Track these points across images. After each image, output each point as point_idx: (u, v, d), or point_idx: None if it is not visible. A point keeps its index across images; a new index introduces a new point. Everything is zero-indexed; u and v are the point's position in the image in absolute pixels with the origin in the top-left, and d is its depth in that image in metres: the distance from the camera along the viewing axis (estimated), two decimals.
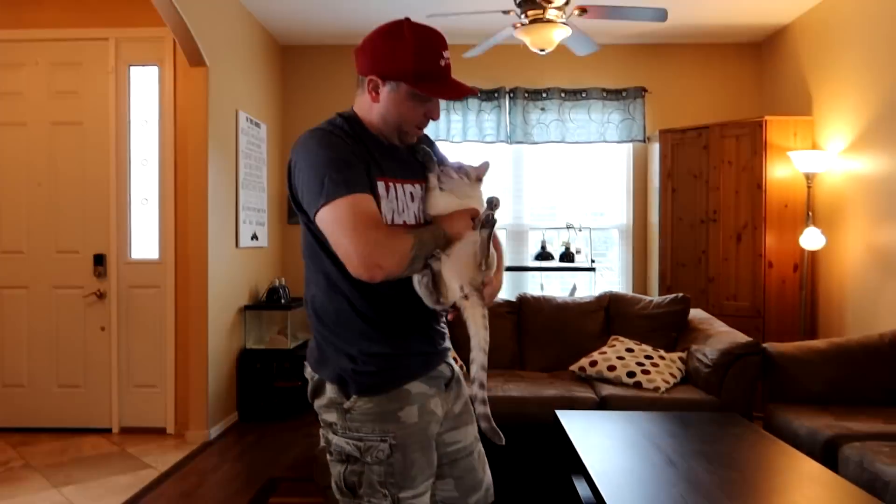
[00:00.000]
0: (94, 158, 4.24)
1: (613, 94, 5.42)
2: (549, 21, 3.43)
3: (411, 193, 1.50)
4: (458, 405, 1.62)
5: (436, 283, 1.40)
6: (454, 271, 1.41)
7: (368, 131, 1.49)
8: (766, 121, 4.55)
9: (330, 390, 1.48)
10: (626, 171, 5.57)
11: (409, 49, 1.41)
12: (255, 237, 4.89)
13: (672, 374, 3.44)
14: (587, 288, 5.29)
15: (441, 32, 1.47)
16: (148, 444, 4.04)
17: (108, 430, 4.25)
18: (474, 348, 1.46)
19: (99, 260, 4.23)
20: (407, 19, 1.46)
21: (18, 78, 4.27)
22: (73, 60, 4.24)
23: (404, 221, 1.46)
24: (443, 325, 1.61)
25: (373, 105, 1.47)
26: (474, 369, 1.46)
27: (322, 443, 1.54)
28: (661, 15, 3.44)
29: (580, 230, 5.40)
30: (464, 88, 1.47)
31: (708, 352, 3.37)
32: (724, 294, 4.75)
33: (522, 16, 3.53)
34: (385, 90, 1.44)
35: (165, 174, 4.25)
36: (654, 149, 5.18)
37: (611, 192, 5.63)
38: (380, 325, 1.46)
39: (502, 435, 1.47)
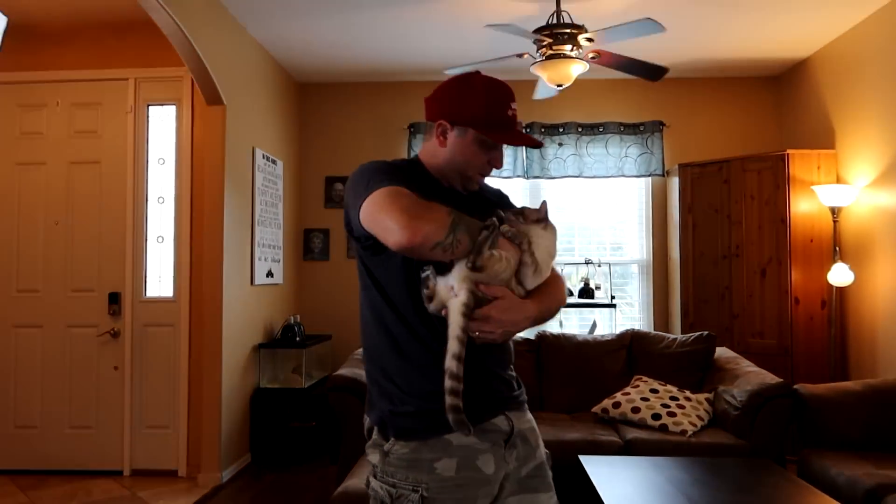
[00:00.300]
0: (111, 197, 4.24)
1: (631, 129, 5.37)
2: (566, 56, 3.40)
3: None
4: (527, 468, 1.49)
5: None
6: (460, 273, 1.35)
7: (429, 174, 1.53)
8: (788, 154, 4.47)
9: (375, 432, 1.47)
10: (644, 206, 5.49)
11: (479, 96, 1.47)
12: (270, 274, 4.85)
13: (699, 417, 3.31)
14: (607, 325, 5.18)
15: (509, 86, 1.51)
16: (159, 487, 3.95)
17: (120, 473, 4.17)
18: (448, 338, 1.35)
19: (114, 298, 4.20)
20: (478, 72, 1.52)
21: (40, 118, 4.30)
22: (93, 100, 4.27)
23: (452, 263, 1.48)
24: (510, 372, 1.55)
25: (439, 149, 1.51)
26: (445, 359, 1.33)
27: (364, 484, 1.52)
28: (660, 73, 3.55)
29: (599, 265, 5.31)
30: (528, 138, 1.53)
31: (736, 393, 3.25)
32: (750, 331, 4.62)
33: (538, 53, 3.50)
34: (453, 135, 1.48)
35: (182, 212, 4.24)
36: (673, 183, 5.11)
37: (629, 227, 5.55)
38: (423, 361, 1.41)
39: (470, 427, 1.31)
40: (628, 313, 5.49)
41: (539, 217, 1.46)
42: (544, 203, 1.51)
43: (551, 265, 1.47)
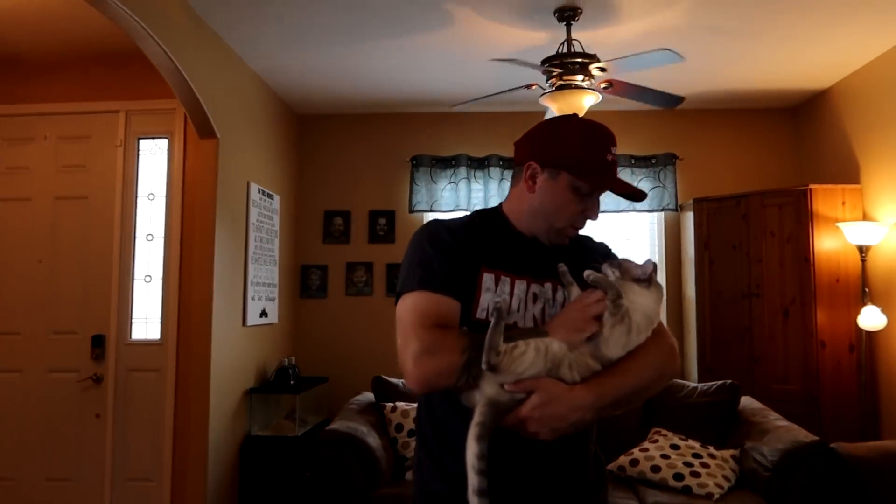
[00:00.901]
0: (98, 234, 4.03)
1: (643, 161, 5.16)
2: (577, 87, 3.20)
3: (535, 294, 1.37)
4: None
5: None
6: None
7: (507, 225, 1.44)
8: (811, 189, 4.24)
9: None
10: (657, 242, 5.25)
11: (575, 136, 1.35)
12: (264, 314, 4.62)
13: (725, 477, 3.03)
14: None
15: (611, 131, 1.39)
16: None
17: None
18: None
19: (98, 341, 3.97)
20: (575, 114, 1.42)
21: (26, 153, 4.12)
22: (82, 134, 4.09)
23: (515, 322, 1.33)
24: (582, 462, 1.37)
25: (525, 195, 1.40)
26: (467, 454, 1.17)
27: None
28: (676, 101, 3.30)
29: None
30: (630, 186, 1.36)
31: (767, 451, 2.97)
32: (773, 376, 4.34)
33: (548, 84, 3.30)
34: (543, 178, 1.37)
35: (171, 250, 4.02)
36: (688, 218, 4.88)
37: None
38: (457, 437, 1.24)
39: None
40: None
41: (641, 275, 1.26)
42: (650, 261, 1.30)
43: (647, 331, 1.26)
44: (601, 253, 1.48)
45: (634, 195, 1.34)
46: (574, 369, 1.20)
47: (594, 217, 1.37)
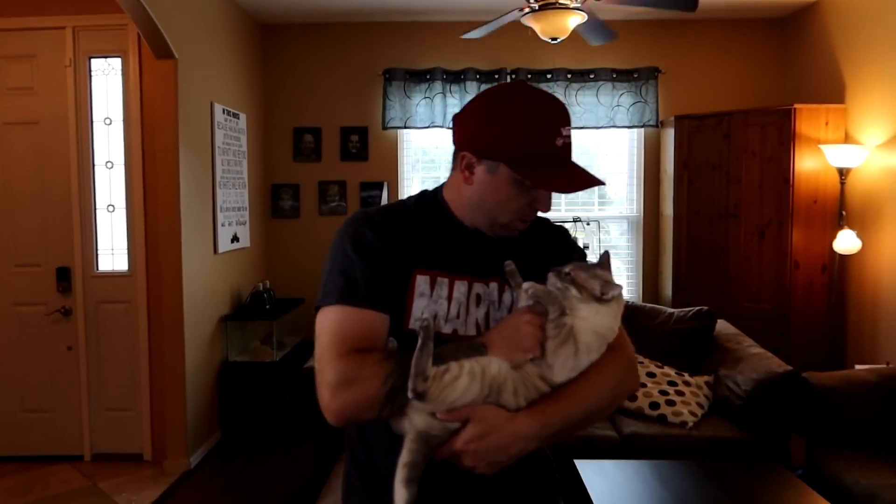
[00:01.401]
0: (53, 162, 3.81)
1: (624, 75, 4.98)
2: (562, 6, 3.00)
3: (479, 295, 1.20)
4: None
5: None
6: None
7: (447, 215, 1.25)
8: (795, 109, 4.14)
9: None
10: (636, 159, 5.16)
11: (516, 122, 1.11)
12: (235, 239, 4.49)
13: (699, 404, 3.10)
14: None
15: (564, 105, 1.17)
16: (122, 475, 3.70)
17: (80, 458, 3.91)
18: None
19: (63, 274, 3.83)
20: (521, 83, 1.16)
21: None
22: (25, 52, 3.77)
23: (454, 330, 1.17)
24: (525, 490, 1.22)
25: (464, 187, 1.20)
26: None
27: None
28: (691, 4, 3.00)
29: (588, 224, 5.02)
30: (585, 178, 1.14)
31: (741, 380, 3.03)
32: (746, 295, 4.40)
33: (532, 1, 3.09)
34: (481, 170, 1.16)
35: (133, 178, 3.83)
36: (669, 135, 4.77)
37: (620, 181, 5.23)
38: (384, 466, 1.15)
39: None
40: (616, 271, 5.23)
41: (599, 293, 1.08)
42: (607, 256, 1.15)
43: (599, 350, 1.10)
44: (559, 245, 1.30)
45: (590, 185, 1.13)
46: (519, 394, 1.06)
47: (544, 209, 1.18)
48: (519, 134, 1.10)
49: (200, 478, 3.69)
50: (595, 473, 2.51)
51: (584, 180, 1.13)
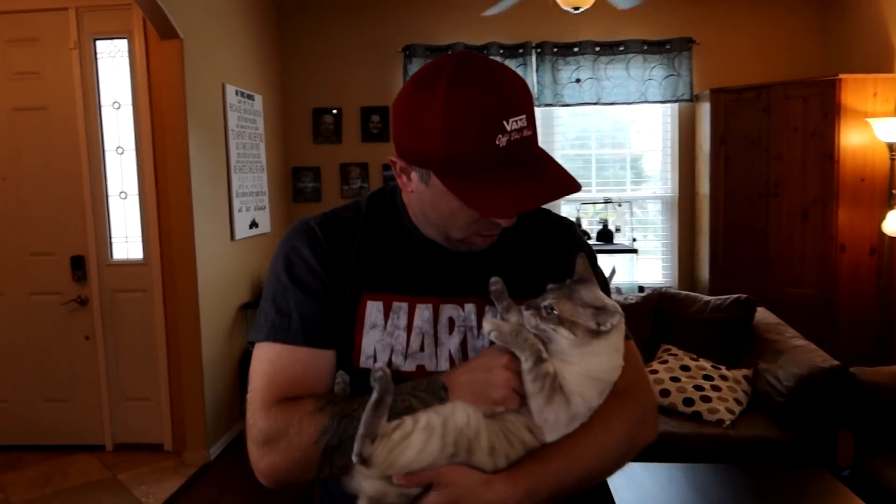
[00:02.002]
0: (63, 148, 3.71)
1: (656, 47, 4.70)
2: None
3: (451, 319, 0.98)
4: None
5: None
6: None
7: (405, 223, 1.03)
8: (840, 79, 3.84)
9: None
10: (670, 136, 4.90)
11: (436, 115, 0.85)
12: (254, 224, 4.38)
13: (737, 401, 2.90)
14: (628, 272, 4.71)
15: (516, 85, 0.87)
16: (142, 466, 3.65)
17: (102, 448, 3.87)
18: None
19: (77, 263, 3.76)
20: (455, 57, 0.88)
21: None
22: (29, 35, 3.66)
23: (419, 367, 0.96)
24: None
25: (406, 195, 1.00)
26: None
27: None
28: None
29: (619, 205, 4.79)
30: (538, 191, 0.86)
31: (782, 375, 2.82)
32: (787, 280, 4.15)
33: None
34: (415, 178, 0.94)
35: (144, 164, 3.72)
36: (704, 110, 4.50)
37: (653, 160, 4.98)
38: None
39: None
40: (652, 258, 4.99)
41: (594, 324, 0.85)
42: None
43: (601, 396, 0.89)
44: (561, 246, 1.04)
45: (548, 199, 0.86)
46: (498, 451, 0.84)
47: (507, 222, 0.93)
48: (439, 134, 0.84)
49: (220, 470, 3.62)
50: (621, 477, 2.35)
51: (536, 193, 0.85)
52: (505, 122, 0.84)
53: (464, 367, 0.91)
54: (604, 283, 1.03)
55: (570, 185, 0.87)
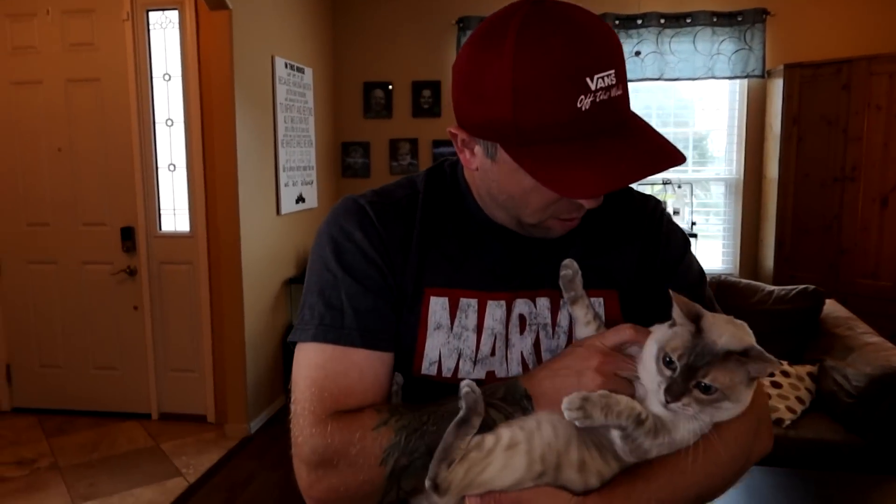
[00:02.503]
0: (115, 119, 3.74)
1: (726, 19, 4.41)
2: None
3: (522, 317, 0.84)
4: None
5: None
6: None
7: (470, 204, 0.87)
8: None
9: None
10: (738, 114, 4.60)
11: (504, 74, 0.70)
12: (301, 199, 4.35)
13: (799, 399, 2.69)
14: None
15: (602, 32, 0.71)
16: (185, 437, 3.69)
17: (148, 417, 3.93)
18: None
19: (127, 234, 3.80)
20: (525, 3, 0.73)
21: (30, 30, 3.76)
22: (85, 7, 3.68)
23: (489, 374, 0.83)
24: None
25: (469, 172, 0.86)
26: None
27: None
28: None
29: (679, 187, 4.55)
30: (635, 165, 0.70)
31: (851, 374, 2.60)
32: (860, 271, 3.85)
33: None
34: (479, 152, 0.79)
35: (193, 136, 3.71)
36: (776, 87, 4.20)
37: (718, 140, 4.70)
38: None
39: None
40: (711, 238, 4.73)
41: (748, 376, 0.70)
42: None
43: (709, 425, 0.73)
44: (648, 233, 0.88)
45: (652, 171, 0.70)
46: (589, 468, 0.72)
47: (591, 202, 0.76)
48: (507, 97, 0.69)
49: (259, 444, 3.62)
50: None
51: (629, 168, 0.70)
52: (588, 80, 0.69)
53: (547, 370, 0.77)
54: (701, 277, 0.89)
55: (671, 156, 0.71)
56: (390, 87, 4.86)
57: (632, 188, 0.94)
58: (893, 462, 2.44)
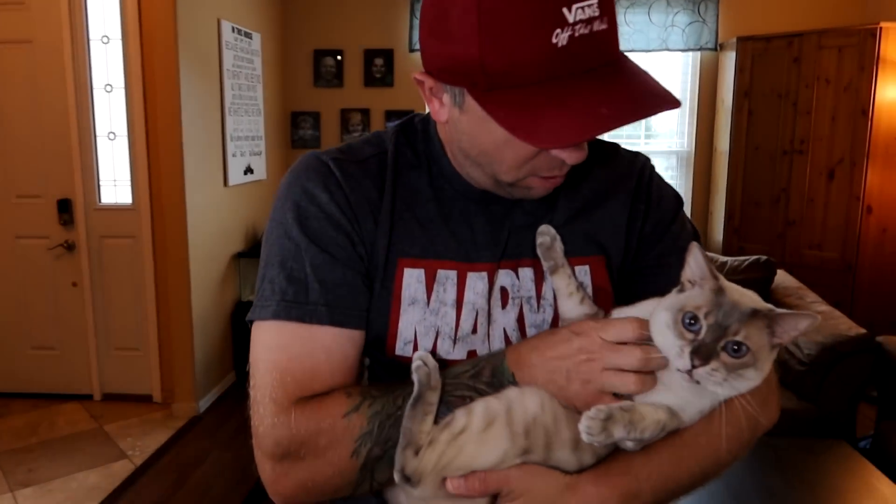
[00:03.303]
0: (49, 84, 3.50)
1: None
2: None
3: (503, 288, 0.77)
4: None
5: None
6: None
7: (444, 165, 0.79)
8: (881, 28, 3.57)
9: None
10: (690, 87, 4.63)
11: (470, 8, 0.61)
12: (249, 170, 4.19)
13: None
14: None
15: None
16: (130, 417, 3.55)
17: (90, 397, 3.76)
18: None
19: (64, 206, 3.59)
20: None
21: None
22: None
23: (470, 353, 0.75)
24: None
25: (440, 125, 0.77)
26: None
27: None
28: None
29: None
30: (624, 106, 0.62)
31: (802, 343, 2.65)
32: (807, 242, 3.95)
33: None
34: (447, 101, 0.70)
35: (134, 103, 3.51)
36: (729, 60, 4.23)
37: (670, 113, 4.71)
38: None
39: None
40: None
41: (771, 340, 0.62)
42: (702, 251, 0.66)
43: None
44: (637, 195, 0.81)
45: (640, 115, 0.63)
46: (583, 445, 0.65)
47: (572, 158, 0.68)
48: (473, 33, 0.61)
49: (209, 423, 3.51)
50: None
51: (615, 111, 0.61)
52: (566, 10, 0.60)
53: (537, 354, 0.68)
54: (695, 238, 0.81)
55: (662, 98, 0.63)
56: (340, 56, 4.71)
57: (619, 146, 0.88)
58: (844, 426, 2.51)
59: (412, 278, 0.74)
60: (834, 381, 2.52)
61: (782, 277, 3.23)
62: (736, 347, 0.60)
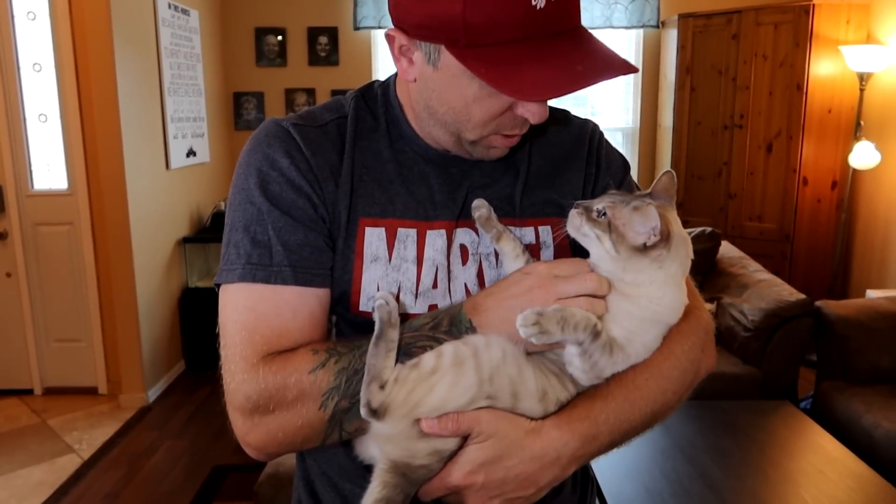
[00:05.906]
0: None
1: None
2: None
3: (463, 246, 0.81)
4: None
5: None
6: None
7: (405, 126, 0.82)
8: (814, 5, 3.69)
9: None
10: (634, 64, 4.69)
11: None
12: (192, 153, 4.06)
13: None
14: None
15: None
16: (75, 411, 3.42)
17: (30, 392, 3.62)
18: None
19: None
20: None
21: None
22: None
23: (431, 307, 0.78)
24: None
25: (406, 84, 0.79)
26: None
27: None
28: None
29: None
30: (592, 66, 0.68)
31: (747, 310, 2.75)
32: (747, 214, 4.08)
33: None
34: (419, 59, 0.73)
35: (66, 83, 3.35)
36: (670, 37, 4.31)
37: (614, 90, 4.79)
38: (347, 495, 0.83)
39: None
40: None
41: (647, 234, 0.70)
42: (672, 179, 0.77)
43: (657, 341, 0.73)
44: (586, 155, 0.87)
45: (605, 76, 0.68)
46: (549, 396, 0.70)
47: (535, 117, 0.73)
48: None
49: (159, 413, 3.42)
50: None
51: (585, 71, 0.67)
52: None
53: (493, 298, 0.72)
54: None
55: (624, 64, 0.69)
56: (281, 35, 4.59)
57: (569, 112, 0.92)
58: (787, 388, 2.62)
59: (373, 237, 0.78)
60: (777, 344, 2.63)
61: (726, 248, 3.33)
62: (601, 213, 0.71)
